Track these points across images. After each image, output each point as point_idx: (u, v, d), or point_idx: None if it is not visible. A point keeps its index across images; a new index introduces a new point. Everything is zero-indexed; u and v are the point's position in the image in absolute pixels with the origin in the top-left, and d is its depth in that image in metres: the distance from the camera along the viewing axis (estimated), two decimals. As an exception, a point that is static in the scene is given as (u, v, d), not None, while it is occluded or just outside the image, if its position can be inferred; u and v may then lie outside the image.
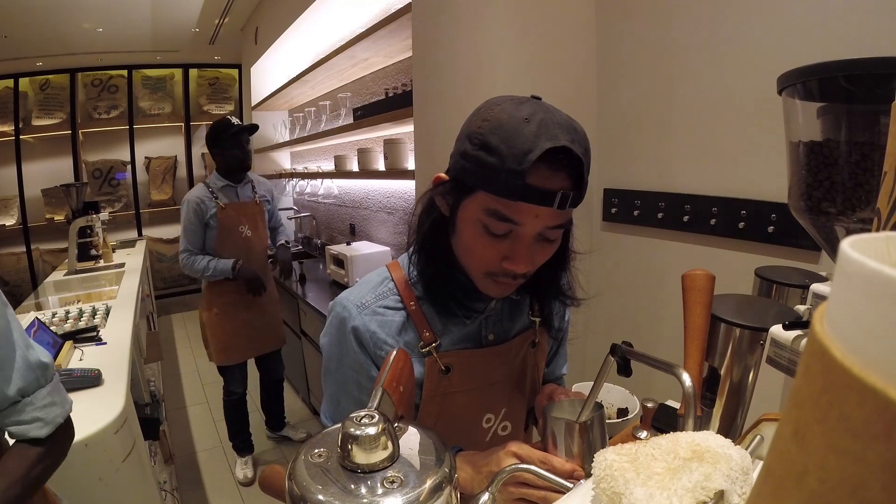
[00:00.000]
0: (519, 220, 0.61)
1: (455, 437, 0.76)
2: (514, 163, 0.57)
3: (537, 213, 0.60)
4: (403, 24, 1.96)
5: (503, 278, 0.66)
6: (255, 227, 2.33)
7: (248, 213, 2.29)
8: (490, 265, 0.65)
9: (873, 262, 0.13)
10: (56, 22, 3.69)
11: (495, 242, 0.63)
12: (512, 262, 0.63)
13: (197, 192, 2.19)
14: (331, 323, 0.75)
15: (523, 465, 0.56)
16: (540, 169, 0.58)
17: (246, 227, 2.27)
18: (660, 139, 1.40)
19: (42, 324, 1.60)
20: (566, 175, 0.60)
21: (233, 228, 2.24)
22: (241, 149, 2.21)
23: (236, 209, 2.24)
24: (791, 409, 0.16)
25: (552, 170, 0.58)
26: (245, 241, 2.28)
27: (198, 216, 2.16)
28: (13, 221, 4.70)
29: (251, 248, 2.31)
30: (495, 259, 0.64)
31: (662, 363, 0.58)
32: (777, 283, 0.83)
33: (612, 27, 1.50)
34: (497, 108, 0.61)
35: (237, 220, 2.25)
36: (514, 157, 0.57)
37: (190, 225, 2.17)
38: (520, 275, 0.65)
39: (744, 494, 0.38)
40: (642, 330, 1.50)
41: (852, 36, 0.97)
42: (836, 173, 0.61)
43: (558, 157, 0.58)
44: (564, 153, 0.58)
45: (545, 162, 0.57)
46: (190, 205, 2.16)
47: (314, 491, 0.32)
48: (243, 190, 2.30)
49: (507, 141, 0.58)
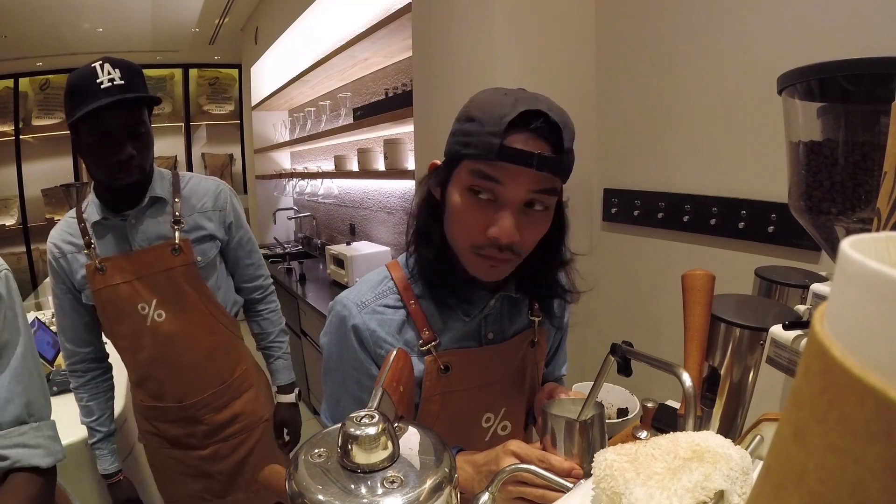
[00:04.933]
0: (499, 178, 0.62)
1: (455, 436, 0.76)
2: (493, 125, 0.61)
3: (517, 174, 0.62)
4: (403, 24, 1.96)
5: (489, 250, 0.65)
6: (179, 303, 1.16)
7: (151, 274, 1.14)
8: (475, 235, 0.65)
9: (873, 262, 0.13)
10: (56, 22, 3.69)
11: (480, 208, 0.65)
12: (497, 229, 0.64)
13: (57, 231, 1.15)
14: (331, 322, 0.76)
15: (523, 465, 0.56)
16: (517, 132, 0.61)
17: (150, 304, 1.14)
18: (660, 139, 1.39)
19: (42, 324, 1.60)
20: (544, 140, 0.62)
21: (123, 310, 1.14)
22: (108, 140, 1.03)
23: (119, 270, 1.12)
24: (791, 409, 0.16)
25: (530, 133, 0.61)
26: (155, 337, 1.16)
27: (61, 283, 1.14)
28: (13, 221, 4.70)
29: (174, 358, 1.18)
30: (479, 227, 0.65)
31: (662, 363, 0.58)
32: (777, 283, 0.83)
33: (612, 27, 1.50)
34: (483, 93, 0.67)
35: (129, 292, 1.13)
36: (493, 120, 0.61)
37: (55, 299, 1.17)
38: (505, 246, 0.64)
39: (744, 494, 0.38)
40: (642, 330, 1.50)
41: (852, 36, 0.97)
42: (836, 173, 0.61)
43: (536, 124, 0.61)
44: (541, 119, 0.61)
45: (522, 125, 0.61)
46: (49, 260, 1.15)
47: (314, 491, 0.32)
48: (144, 223, 1.14)
49: (487, 110, 0.62)
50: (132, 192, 1.12)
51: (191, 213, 1.19)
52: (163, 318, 1.15)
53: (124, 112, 1.03)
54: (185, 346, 1.18)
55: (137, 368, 1.21)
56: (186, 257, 1.16)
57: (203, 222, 1.20)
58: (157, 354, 1.17)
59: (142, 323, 1.14)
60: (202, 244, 1.20)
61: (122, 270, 1.12)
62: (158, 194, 1.15)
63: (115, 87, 1.00)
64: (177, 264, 1.15)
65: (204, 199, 1.22)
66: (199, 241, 1.19)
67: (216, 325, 1.23)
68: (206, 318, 1.21)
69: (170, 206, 1.17)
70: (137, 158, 1.06)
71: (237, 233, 1.27)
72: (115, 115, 1.01)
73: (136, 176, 1.08)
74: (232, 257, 1.29)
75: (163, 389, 1.22)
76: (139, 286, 1.13)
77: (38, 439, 0.72)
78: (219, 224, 1.23)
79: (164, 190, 1.17)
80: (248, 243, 1.31)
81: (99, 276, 1.12)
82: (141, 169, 1.09)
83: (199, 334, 1.20)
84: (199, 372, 1.22)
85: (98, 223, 1.12)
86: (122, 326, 1.15)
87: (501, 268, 0.68)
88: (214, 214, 1.22)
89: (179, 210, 1.17)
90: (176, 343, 1.17)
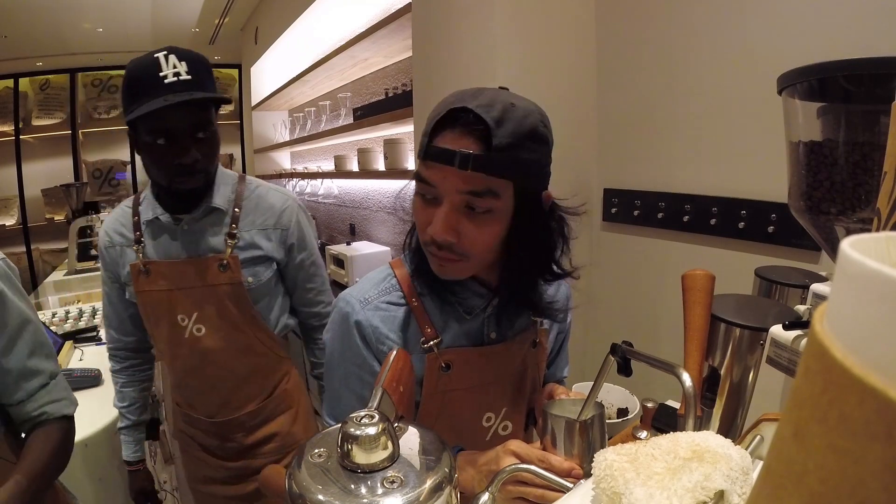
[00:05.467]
0: (431, 180, 0.64)
1: (455, 435, 0.76)
2: (428, 127, 0.64)
3: (444, 175, 0.62)
4: (403, 24, 1.96)
5: (431, 247, 0.66)
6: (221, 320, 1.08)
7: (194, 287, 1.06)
8: (422, 234, 0.68)
9: (873, 262, 0.13)
10: (56, 22, 3.69)
11: (424, 209, 0.66)
12: (430, 227, 0.65)
13: (111, 220, 1.12)
14: (333, 319, 0.76)
15: (523, 465, 0.56)
16: (445, 131, 0.62)
17: (190, 317, 1.07)
18: (660, 139, 1.39)
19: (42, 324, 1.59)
20: (472, 138, 0.61)
21: (162, 317, 1.08)
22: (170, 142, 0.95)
23: (163, 277, 1.06)
24: (791, 409, 0.16)
25: (455, 131, 0.62)
26: (193, 351, 1.09)
27: (109, 272, 1.11)
28: (13, 221, 4.70)
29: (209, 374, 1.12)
30: (423, 227, 0.67)
31: (662, 363, 0.58)
32: (777, 283, 0.83)
33: (612, 27, 1.50)
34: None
35: (169, 301, 1.06)
36: (429, 120, 0.64)
37: (104, 285, 1.14)
38: (442, 244, 0.64)
39: (744, 494, 0.38)
40: (642, 330, 1.50)
41: (852, 36, 0.97)
42: (836, 173, 0.61)
43: (461, 117, 0.61)
44: (465, 114, 0.61)
45: (450, 124, 0.62)
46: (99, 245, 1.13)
47: (314, 491, 0.32)
48: (197, 230, 1.06)
49: (433, 109, 0.65)
50: (191, 196, 1.04)
51: (249, 229, 1.08)
52: (202, 333, 1.08)
53: (190, 111, 0.93)
54: (223, 365, 1.11)
55: (173, 374, 1.16)
56: (234, 276, 1.06)
57: (260, 241, 1.09)
58: (192, 367, 1.12)
59: (180, 334, 1.08)
60: (255, 265, 1.08)
61: (166, 277, 1.05)
62: (217, 204, 1.05)
63: (181, 83, 0.91)
64: (222, 281, 1.06)
65: (266, 214, 1.10)
66: (251, 262, 1.08)
67: (259, 345, 1.13)
68: (248, 339, 1.11)
69: (228, 217, 1.07)
70: (202, 162, 0.98)
71: (299, 255, 1.15)
72: (180, 114, 0.92)
73: (200, 182, 1.01)
74: (290, 279, 1.18)
75: (196, 401, 1.17)
76: (180, 296, 1.06)
77: (61, 392, 0.85)
78: (278, 244, 1.11)
79: (225, 198, 1.07)
80: (311, 267, 1.19)
81: (143, 278, 1.06)
82: (205, 174, 1.01)
83: (239, 355, 1.12)
84: (234, 392, 1.14)
85: (151, 221, 1.05)
86: (160, 331, 1.10)
87: (449, 267, 0.68)
88: (274, 233, 1.10)
89: (237, 223, 1.07)
90: (213, 360, 1.10)
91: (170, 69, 0.91)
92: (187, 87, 0.92)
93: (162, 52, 0.92)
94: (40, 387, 0.82)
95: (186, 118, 0.93)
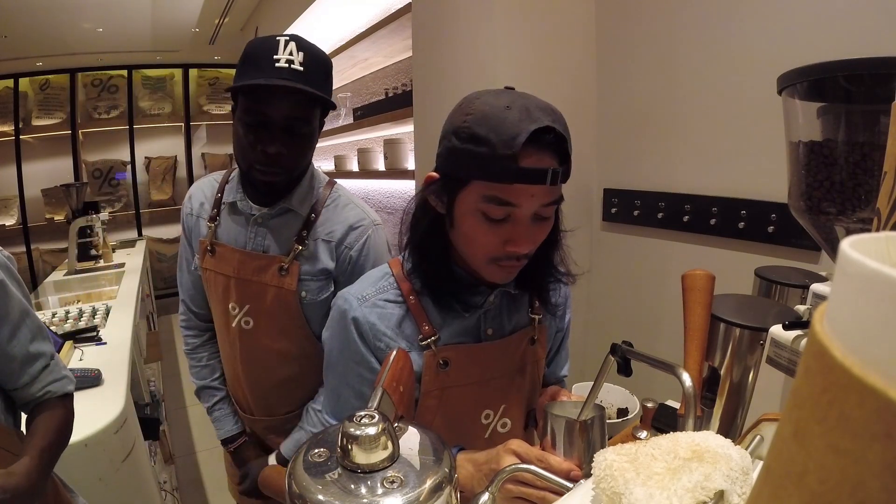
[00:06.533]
0: (517, 202, 0.64)
1: (454, 432, 0.76)
2: (505, 148, 0.60)
3: (533, 193, 0.64)
4: (403, 24, 1.96)
5: (507, 262, 0.68)
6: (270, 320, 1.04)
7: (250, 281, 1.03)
8: (493, 251, 0.68)
9: (873, 262, 0.13)
10: (56, 22, 3.69)
11: (495, 228, 0.66)
12: (515, 244, 0.66)
13: (198, 187, 1.13)
14: (332, 317, 0.77)
15: (523, 465, 0.56)
16: (529, 151, 0.61)
17: (241, 308, 1.05)
18: (660, 139, 1.39)
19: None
20: (553, 153, 0.63)
21: (216, 300, 1.09)
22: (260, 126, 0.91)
23: (225, 262, 1.04)
24: (791, 409, 0.16)
25: (540, 150, 0.62)
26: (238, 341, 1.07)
27: (186, 237, 1.14)
28: (13, 221, 4.70)
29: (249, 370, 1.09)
30: (498, 244, 0.67)
31: (662, 363, 0.58)
32: (777, 283, 0.83)
33: (612, 27, 1.50)
34: (477, 101, 0.65)
35: (225, 286, 1.05)
36: (504, 142, 0.61)
37: (181, 248, 1.17)
38: (523, 255, 0.68)
39: (744, 494, 0.38)
40: (642, 330, 1.50)
41: (852, 36, 0.97)
42: (836, 173, 0.61)
43: (544, 138, 0.62)
44: (548, 133, 0.62)
45: (532, 143, 0.61)
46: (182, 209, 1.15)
47: (314, 491, 0.32)
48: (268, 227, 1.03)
49: (495, 129, 0.61)
50: (270, 191, 1.00)
51: (316, 238, 1.02)
52: (249, 327, 1.05)
53: (290, 102, 0.89)
54: (264, 365, 1.08)
55: (222, 352, 1.16)
56: (290, 282, 1.00)
57: (322, 254, 1.02)
58: (235, 357, 1.09)
59: (229, 321, 1.06)
60: (314, 281, 1.02)
61: (227, 263, 1.03)
62: (293, 206, 1.01)
63: (290, 71, 0.87)
64: (279, 285, 1.01)
65: (336, 227, 1.02)
66: (310, 277, 1.01)
67: (304, 354, 1.07)
68: (294, 345, 1.06)
69: (301, 221, 1.02)
70: (286, 158, 0.93)
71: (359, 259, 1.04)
72: (279, 101, 0.89)
73: (279, 177, 0.96)
74: None
75: (234, 391, 1.17)
76: (234, 285, 1.03)
77: (61, 371, 0.88)
78: (340, 262, 1.03)
79: (304, 202, 1.02)
80: None
81: (208, 256, 1.06)
82: (286, 171, 0.96)
83: (281, 359, 1.07)
84: (270, 395, 1.11)
85: (230, 204, 1.04)
86: (215, 311, 1.10)
87: (515, 271, 0.72)
88: (339, 251, 1.02)
89: (308, 230, 1.01)
90: (255, 357, 1.07)
91: (285, 54, 0.88)
92: (295, 76, 0.88)
93: (284, 37, 0.90)
94: (43, 368, 0.85)
95: (283, 107, 0.90)
